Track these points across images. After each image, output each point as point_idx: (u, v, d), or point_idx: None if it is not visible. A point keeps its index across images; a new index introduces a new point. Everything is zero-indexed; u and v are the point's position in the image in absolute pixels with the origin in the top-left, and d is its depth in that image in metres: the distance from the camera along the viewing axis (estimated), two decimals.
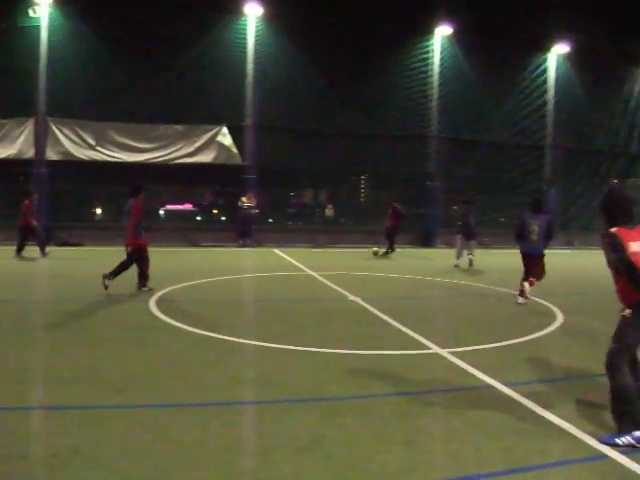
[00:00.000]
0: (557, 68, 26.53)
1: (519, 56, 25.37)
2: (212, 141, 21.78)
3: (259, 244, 21.34)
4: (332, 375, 6.54)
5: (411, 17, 22.64)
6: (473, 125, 24.58)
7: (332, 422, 5.19)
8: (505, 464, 4.46)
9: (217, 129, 21.81)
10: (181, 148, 21.71)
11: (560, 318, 10.13)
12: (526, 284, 11.31)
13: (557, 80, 26.42)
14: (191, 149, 21.75)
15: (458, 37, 23.86)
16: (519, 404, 5.77)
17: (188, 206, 25.05)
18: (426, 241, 23.00)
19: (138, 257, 11.09)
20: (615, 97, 27.22)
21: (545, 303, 11.51)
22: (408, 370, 6.87)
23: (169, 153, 21.60)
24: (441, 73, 24.22)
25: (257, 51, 21.90)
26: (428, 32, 23.86)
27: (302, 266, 16.00)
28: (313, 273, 14.57)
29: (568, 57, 26.32)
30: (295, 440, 4.77)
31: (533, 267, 11.38)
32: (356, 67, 22.52)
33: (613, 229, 4.95)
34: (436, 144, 23.92)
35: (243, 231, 21.39)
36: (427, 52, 24.14)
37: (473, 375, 6.63)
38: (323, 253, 19.29)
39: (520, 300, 11.30)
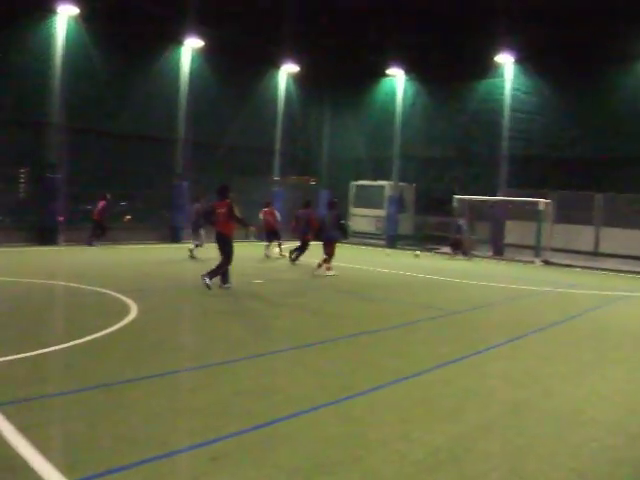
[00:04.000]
0: (192, 61, 26.29)
1: (152, 47, 24.62)
2: None
3: None
4: None
5: None
6: (101, 116, 23.23)
7: None
8: None
9: None
10: None
11: (132, 316, 9.52)
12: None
13: (190, 73, 26.23)
14: None
15: (86, 20, 22.22)
16: None
17: None
18: (46, 239, 20.99)
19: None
20: (247, 95, 27.93)
21: (126, 300, 10.87)
22: None
23: None
24: (64, 57, 22.26)
25: None
26: (51, 11, 21.81)
27: None
28: None
29: (202, 51, 26.23)
30: None
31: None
32: None
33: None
34: (56, 133, 21.96)
35: None
36: (50, 31, 22.00)
37: None
38: None
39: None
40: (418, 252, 23.83)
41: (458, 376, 7.20)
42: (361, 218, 30.03)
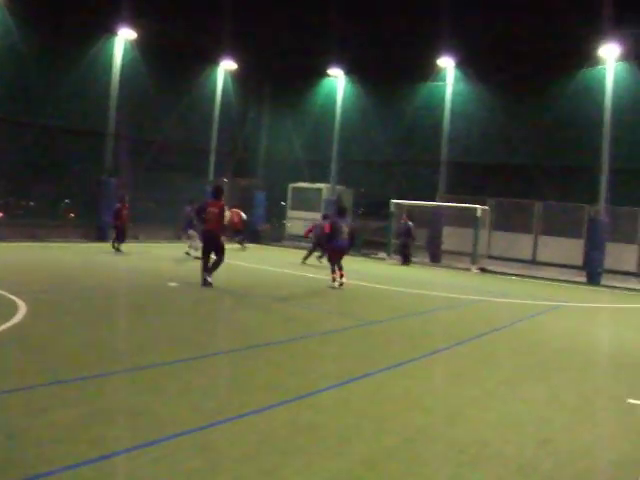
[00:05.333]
0: (125, 54, 25.02)
1: (83, 36, 23.30)
2: None
3: None
4: None
5: None
6: (26, 107, 21.86)
7: None
8: None
9: None
10: None
11: (13, 322, 8.48)
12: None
13: (123, 66, 24.97)
14: None
15: (11, 2, 20.84)
16: None
17: None
18: None
19: None
20: (183, 90, 26.86)
21: (18, 302, 9.79)
22: None
23: None
24: None
25: None
26: None
27: None
28: None
29: (136, 43, 25.01)
30: None
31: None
32: None
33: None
34: None
35: None
36: None
37: None
38: None
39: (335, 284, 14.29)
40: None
41: (356, 398, 6.32)
42: (298, 221, 29.14)
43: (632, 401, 6.82)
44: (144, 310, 10.60)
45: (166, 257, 19.27)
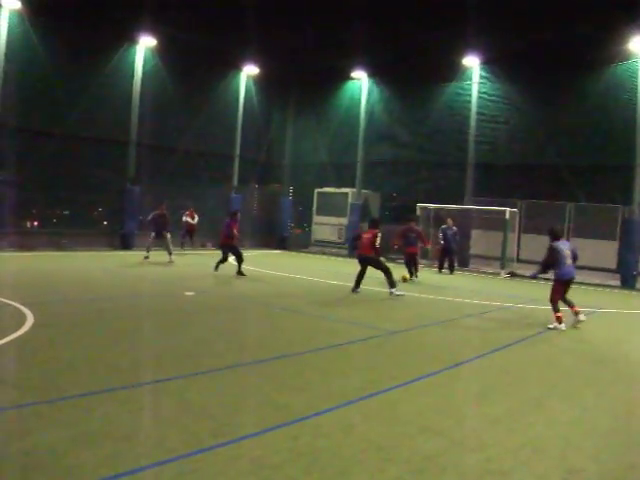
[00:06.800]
0: (146, 61, 24.85)
1: (104, 45, 23.20)
2: None
3: None
4: None
5: None
6: (49, 117, 21.83)
7: None
8: None
9: None
10: None
11: (18, 334, 8.23)
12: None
13: (144, 74, 24.81)
14: None
15: (32, 14, 20.80)
16: None
17: None
18: None
19: None
20: (205, 97, 26.61)
21: (27, 313, 9.49)
22: None
23: None
24: (7, 55, 20.79)
25: None
26: None
27: None
28: None
29: (157, 50, 24.84)
30: None
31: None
32: None
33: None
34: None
35: None
36: None
37: None
38: None
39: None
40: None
41: (363, 420, 5.76)
42: (323, 226, 28.70)
43: None
44: (157, 322, 10.16)
45: (181, 264, 18.90)
